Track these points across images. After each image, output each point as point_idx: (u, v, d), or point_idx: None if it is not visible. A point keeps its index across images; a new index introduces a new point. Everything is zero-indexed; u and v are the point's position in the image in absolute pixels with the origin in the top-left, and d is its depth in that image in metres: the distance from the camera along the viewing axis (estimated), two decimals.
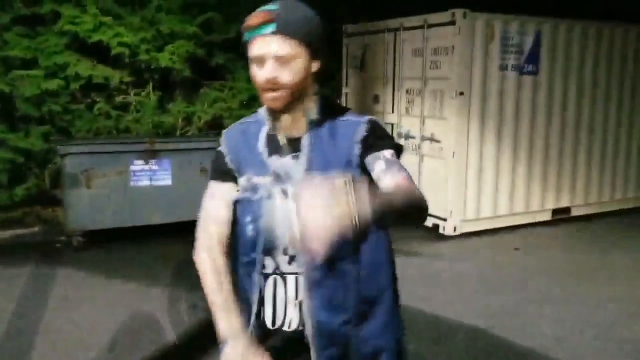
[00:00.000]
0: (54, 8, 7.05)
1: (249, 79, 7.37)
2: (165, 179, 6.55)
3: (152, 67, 7.51)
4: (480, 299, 4.88)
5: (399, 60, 7.34)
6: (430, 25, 6.86)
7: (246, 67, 6.94)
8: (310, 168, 1.56)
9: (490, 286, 5.18)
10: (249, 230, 1.62)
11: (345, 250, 1.49)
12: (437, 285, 5.15)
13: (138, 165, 6.41)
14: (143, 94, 7.71)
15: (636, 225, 7.57)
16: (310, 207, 1.22)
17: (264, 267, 1.63)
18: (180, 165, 6.61)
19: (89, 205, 6.20)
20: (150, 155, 6.46)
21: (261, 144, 1.64)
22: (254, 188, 1.61)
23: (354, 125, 1.61)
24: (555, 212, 7.52)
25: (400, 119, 7.37)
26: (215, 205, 1.69)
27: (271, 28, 1.47)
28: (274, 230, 1.58)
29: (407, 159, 7.22)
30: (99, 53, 7.34)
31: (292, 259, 1.59)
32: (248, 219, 1.62)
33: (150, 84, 7.74)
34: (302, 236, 1.26)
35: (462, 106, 6.64)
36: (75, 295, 4.89)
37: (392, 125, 7.46)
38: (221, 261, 1.66)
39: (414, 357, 3.85)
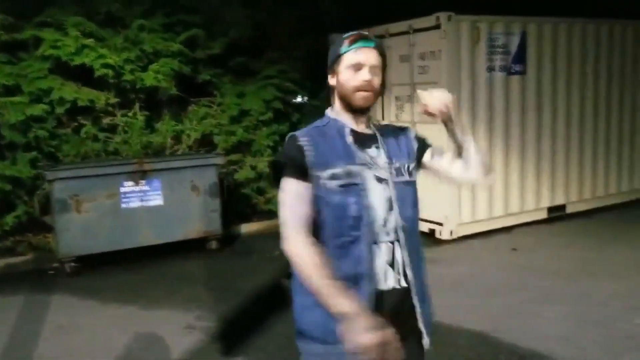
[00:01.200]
0: (34, 33, 6.98)
1: (237, 94, 7.30)
2: (156, 199, 6.47)
3: (137, 87, 7.44)
4: (480, 302, 4.81)
5: (387, 67, 7.29)
6: (416, 31, 6.86)
7: (233, 82, 6.83)
8: (389, 156, 1.98)
9: (489, 288, 5.12)
10: (353, 210, 1.87)
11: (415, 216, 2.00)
12: (436, 290, 5.02)
13: (128, 186, 6.33)
14: (130, 114, 7.63)
15: (632, 219, 7.55)
16: (433, 94, 1.96)
17: (355, 240, 1.88)
18: (171, 185, 6.54)
19: (80, 230, 6.10)
20: (140, 176, 6.38)
21: (350, 139, 1.95)
22: (350, 174, 1.89)
23: (405, 129, 2.14)
24: (550, 210, 7.49)
25: None
26: (300, 203, 1.88)
27: (372, 44, 1.95)
28: (373, 208, 1.89)
29: None
30: (83, 76, 7.26)
31: (387, 230, 1.91)
32: (352, 200, 1.88)
33: (137, 104, 7.66)
34: (430, 106, 1.95)
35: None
36: (70, 322, 4.78)
37: None
38: (317, 252, 1.84)
39: None
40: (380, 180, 1.93)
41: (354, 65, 1.93)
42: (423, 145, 2.12)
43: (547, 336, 4.14)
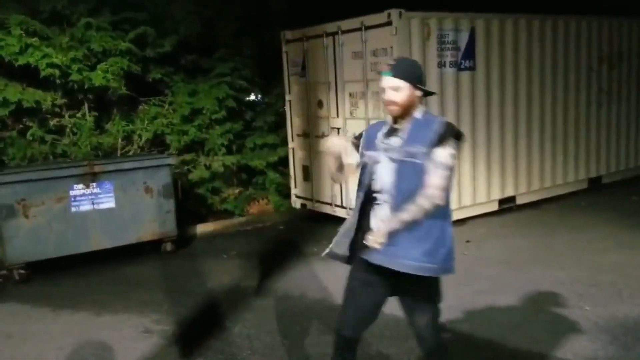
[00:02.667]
0: None
1: (189, 93, 7.21)
2: (108, 202, 6.33)
3: (85, 87, 7.24)
4: None
5: (340, 64, 7.35)
6: (368, 27, 6.90)
7: (185, 80, 6.74)
8: (407, 140, 2.71)
9: (444, 281, 5.20)
10: (364, 177, 2.83)
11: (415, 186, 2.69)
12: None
13: (78, 189, 6.17)
14: (78, 115, 7.43)
15: (577, 209, 7.85)
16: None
17: (373, 199, 2.80)
18: (123, 187, 6.40)
19: (28, 235, 5.92)
20: (90, 178, 6.23)
21: (380, 134, 2.81)
22: (369, 156, 2.80)
23: (436, 123, 2.73)
24: (501, 202, 7.70)
25: (345, 122, 7.38)
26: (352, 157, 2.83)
27: (390, 74, 2.70)
28: (382, 179, 2.74)
29: None
30: (28, 76, 7.02)
31: (384, 195, 2.75)
32: (365, 174, 2.82)
33: (86, 105, 7.47)
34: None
35: None
36: (19, 331, 4.63)
37: (338, 129, 7.46)
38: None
39: (375, 357, 3.83)
40: (392, 160, 2.71)
41: (381, 89, 2.76)
42: (435, 142, 2.67)
43: (499, 324, 4.26)
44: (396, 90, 2.68)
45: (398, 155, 2.69)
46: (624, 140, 9.27)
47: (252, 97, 9.24)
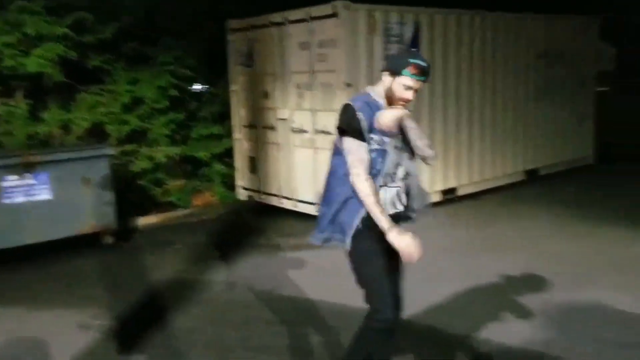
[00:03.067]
0: None
1: (130, 81, 6.95)
2: (44, 194, 6.07)
3: (19, 73, 6.91)
4: None
5: (286, 54, 7.30)
6: (314, 18, 6.89)
7: (126, 68, 6.48)
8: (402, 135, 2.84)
9: None
10: (378, 163, 2.80)
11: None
12: (341, 275, 5.14)
13: (11, 180, 5.89)
14: (12, 103, 7.09)
15: (515, 199, 8.12)
16: (387, 113, 2.74)
17: (383, 185, 2.84)
18: (60, 178, 6.15)
19: None
20: (25, 169, 5.95)
21: None
22: (383, 142, 2.78)
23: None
24: (444, 193, 7.87)
25: (292, 113, 7.35)
26: (363, 153, 2.76)
27: (423, 78, 2.77)
28: (393, 166, 2.84)
29: (302, 153, 7.22)
30: None
31: (400, 180, 2.89)
32: (380, 159, 2.79)
33: (20, 92, 7.13)
34: (384, 124, 2.73)
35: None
36: None
37: (285, 121, 7.42)
38: (373, 185, 2.76)
39: (321, 346, 3.83)
40: (396, 148, 2.82)
41: (408, 87, 2.75)
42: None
43: (443, 311, 4.35)
44: (416, 92, 2.81)
45: (401, 143, 2.86)
46: (559, 134, 9.64)
47: (197, 86, 9.07)
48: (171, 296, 4.92)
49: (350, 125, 2.76)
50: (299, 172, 7.36)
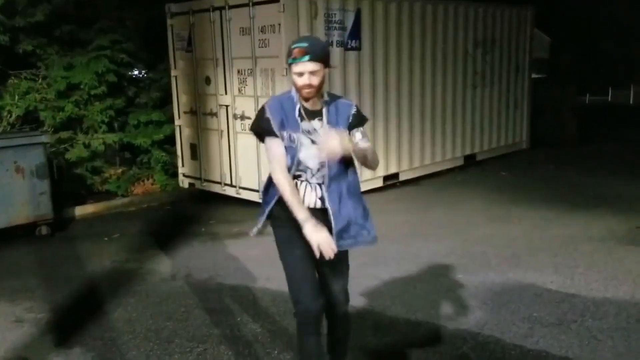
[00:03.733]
0: None
1: (65, 67, 6.72)
2: None
3: None
4: None
5: (228, 39, 7.21)
6: (255, 3, 6.82)
7: (60, 53, 6.27)
8: (329, 124, 2.71)
9: None
10: (289, 159, 2.74)
11: (342, 172, 2.77)
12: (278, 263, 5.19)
13: None
14: None
15: (454, 184, 8.37)
16: (330, 139, 2.53)
17: (296, 178, 2.77)
18: None
19: None
20: None
21: (297, 114, 2.74)
22: (292, 139, 2.73)
23: (349, 106, 2.84)
24: (385, 178, 8.01)
25: (234, 100, 7.28)
26: (279, 149, 2.74)
27: (306, 58, 2.60)
28: (307, 161, 2.74)
29: (244, 139, 7.17)
30: None
31: (313, 177, 2.77)
32: (289, 155, 2.74)
33: None
34: (325, 152, 2.57)
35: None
36: None
37: (227, 107, 7.35)
38: (290, 178, 2.74)
39: (262, 334, 3.86)
40: (314, 142, 2.71)
41: (297, 73, 2.64)
42: (354, 124, 2.78)
43: (381, 295, 4.45)
44: (314, 74, 2.61)
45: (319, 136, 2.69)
46: (495, 120, 9.97)
47: (136, 72, 8.84)
48: (109, 287, 4.83)
49: (260, 127, 2.78)
50: (241, 159, 7.32)
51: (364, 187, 7.56)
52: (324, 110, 2.75)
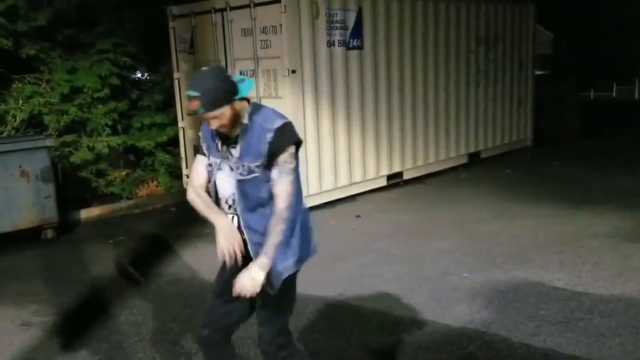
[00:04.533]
0: None
1: (68, 70, 6.72)
2: None
3: None
4: (326, 269, 5.00)
5: (229, 41, 7.21)
6: (257, 4, 6.82)
7: (63, 56, 6.27)
8: (241, 153, 2.52)
9: (335, 255, 5.35)
10: (211, 187, 2.66)
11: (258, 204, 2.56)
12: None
13: None
14: None
15: (457, 182, 8.33)
16: (242, 285, 2.47)
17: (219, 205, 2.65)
18: None
19: None
20: None
21: (217, 140, 2.59)
22: (213, 164, 2.63)
23: (267, 130, 2.49)
24: (389, 177, 8.00)
25: None
26: (199, 167, 2.68)
27: (201, 110, 2.40)
28: (223, 189, 2.61)
29: None
30: None
31: (230, 207, 2.62)
32: (211, 181, 2.66)
33: None
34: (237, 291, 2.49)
35: (296, 84, 6.72)
36: None
37: None
38: (204, 195, 2.65)
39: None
40: (232, 169, 2.56)
41: (203, 119, 2.51)
42: (272, 152, 2.48)
43: (386, 295, 4.44)
44: (219, 117, 2.42)
45: (236, 169, 2.52)
46: (499, 118, 9.93)
47: (138, 74, 8.85)
48: (114, 290, 4.84)
49: (196, 147, 2.86)
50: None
51: (366, 187, 7.70)
52: (241, 140, 2.51)
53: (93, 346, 3.84)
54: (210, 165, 2.63)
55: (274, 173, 2.48)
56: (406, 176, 8.25)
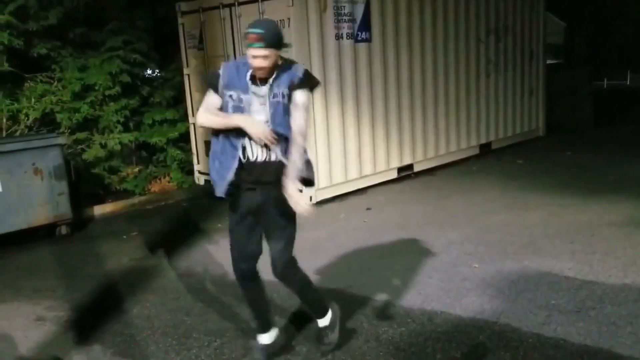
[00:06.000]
0: None
1: (79, 68, 6.79)
2: None
3: None
4: (337, 261, 5.04)
5: (238, 36, 7.23)
6: None
7: (74, 55, 6.34)
8: (271, 90, 3.03)
9: (345, 247, 5.38)
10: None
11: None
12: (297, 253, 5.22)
13: None
14: None
15: (468, 173, 8.31)
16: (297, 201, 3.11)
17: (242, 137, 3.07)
18: (9, 169, 6.01)
19: None
20: None
21: (246, 78, 3.03)
22: (240, 100, 3.03)
23: (295, 71, 3.08)
24: (400, 170, 7.99)
25: None
26: (214, 100, 3.10)
27: (259, 44, 2.88)
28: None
29: None
30: None
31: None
32: (235, 113, 3.05)
33: None
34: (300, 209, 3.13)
35: None
36: None
37: None
38: (215, 111, 3.08)
39: (278, 328, 3.89)
40: (261, 103, 3.02)
41: (252, 55, 2.92)
42: (296, 86, 3.05)
43: (396, 287, 4.45)
44: (266, 58, 2.90)
45: (266, 99, 3.01)
46: (510, 108, 9.87)
47: (149, 71, 8.91)
48: (128, 284, 4.90)
49: (208, 79, 3.22)
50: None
51: (377, 180, 7.70)
52: (273, 75, 3.01)
53: (107, 340, 3.90)
54: (238, 101, 3.00)
55: (292, 106, 3.04)
56: (417, 168, 8.24)
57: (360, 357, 3.46)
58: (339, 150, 7.21)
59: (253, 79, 3.03)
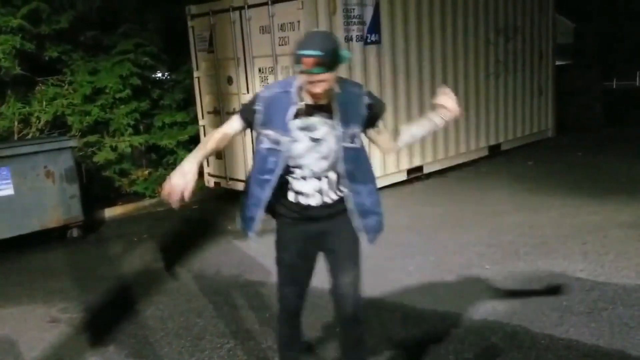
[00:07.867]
0: None
1: (90, 71, 6.84)
2: (6, 189, 5.98)
3: None
4: None
5: (248, 39, 7.26)
6: (275, 1, 6.86)
7: (85, 58, 6.39)
8: (339, 122, 2.50)
9: None
10: (271, 162, 2.53)
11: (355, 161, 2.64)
12: None
13: None
14: None
15: (479, 175, 8.29)
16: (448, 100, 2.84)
17: (289, 174, 2.57)
18: (22, 172, 6.06)
19: None
20: None
21: (289, 115, 2.47)
22: (277, 142, 2.49)
23: (359, 95, 2.58)
24: (409, 171, 7.98)
25: None
26: (234, 124, 2.64)
27: (319, 70, 2.31)
28: (304, 159, 2.52)
29: None
30: None
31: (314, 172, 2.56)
32: (272, 158, 2.52)
33: None
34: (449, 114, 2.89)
35: None
36: None
37: None
38: (211, 144, 2.65)
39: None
40: (314, 140, 2.49)
41: (307, 81, 2.38)
42: (375, 115, 2.64)
43: (408, 288, 4.45)
44: (329, 81, 2.37)
45: (329, 136, 2.49)
46: (519, 109, 9.84)
47: (159, 74, 8.96)
48: (140, 286, 4.93)
49: (241, 111, 2.66)
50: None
51: (386, 182, 7.69)
52: (334, 106, 2.48)
53: (120, 341, 3.92)
54: (274, 143, 2.49)
55: (380, 127, 2.69)
56: (427, 170, 8.23)
57: (372, 359, 3.46)
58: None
59: (297, 112, 2.48)
